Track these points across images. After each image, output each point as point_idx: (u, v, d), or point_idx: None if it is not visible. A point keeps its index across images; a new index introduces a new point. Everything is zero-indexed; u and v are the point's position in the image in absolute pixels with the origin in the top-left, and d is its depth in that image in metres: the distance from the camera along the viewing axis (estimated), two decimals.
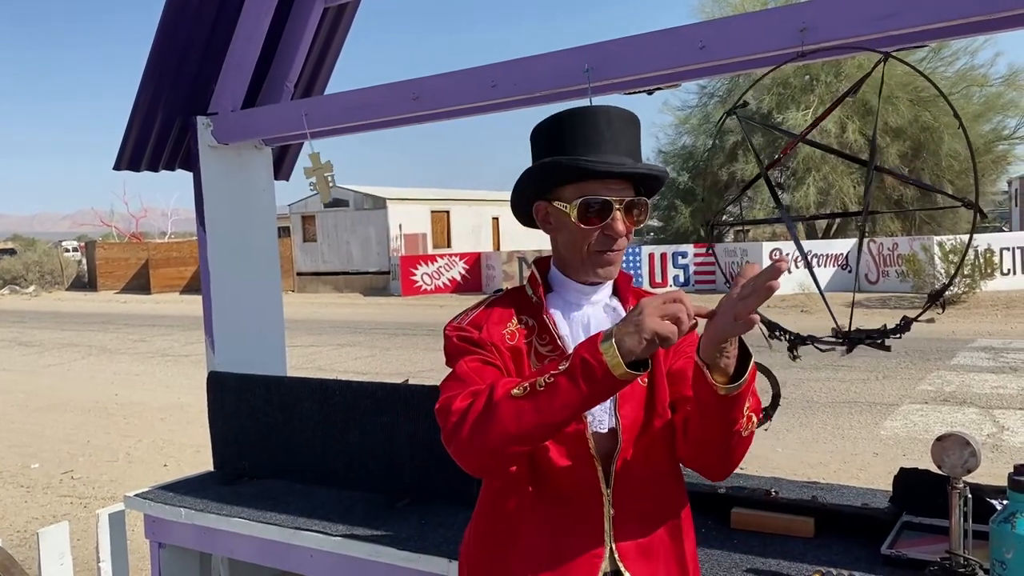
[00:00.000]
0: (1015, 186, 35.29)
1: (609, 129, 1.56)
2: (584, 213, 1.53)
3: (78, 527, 5.48)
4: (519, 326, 1.58)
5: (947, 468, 1.78)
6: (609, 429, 1.56)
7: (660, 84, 2.61)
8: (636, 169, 1.54)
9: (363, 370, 11.92)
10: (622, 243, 1.56)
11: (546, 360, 1.54)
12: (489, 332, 1.56)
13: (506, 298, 1.64)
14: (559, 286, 1.63)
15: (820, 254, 19.94)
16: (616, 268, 1.60)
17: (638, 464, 1.57)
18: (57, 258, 39.51)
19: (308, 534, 2.58)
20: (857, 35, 2.10)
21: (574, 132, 1.56)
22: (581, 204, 1.53)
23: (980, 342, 11.95)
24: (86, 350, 16.10)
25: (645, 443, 1.58)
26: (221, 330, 3.47)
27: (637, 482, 1.57)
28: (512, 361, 1.55)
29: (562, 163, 1.53)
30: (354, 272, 28.89)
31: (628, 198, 1.55)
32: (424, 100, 2.84)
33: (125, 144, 3.43)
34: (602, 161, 1.53)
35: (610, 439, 1.56)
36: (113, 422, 9.30)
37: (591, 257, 1.56)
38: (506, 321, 1.58)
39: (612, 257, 1.57)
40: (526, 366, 1.56)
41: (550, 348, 1.57)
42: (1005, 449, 6.56)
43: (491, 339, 1.55)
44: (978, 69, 23.59)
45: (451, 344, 1.59)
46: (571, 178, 1.55)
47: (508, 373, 1.54)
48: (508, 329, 1.57)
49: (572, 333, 1.58)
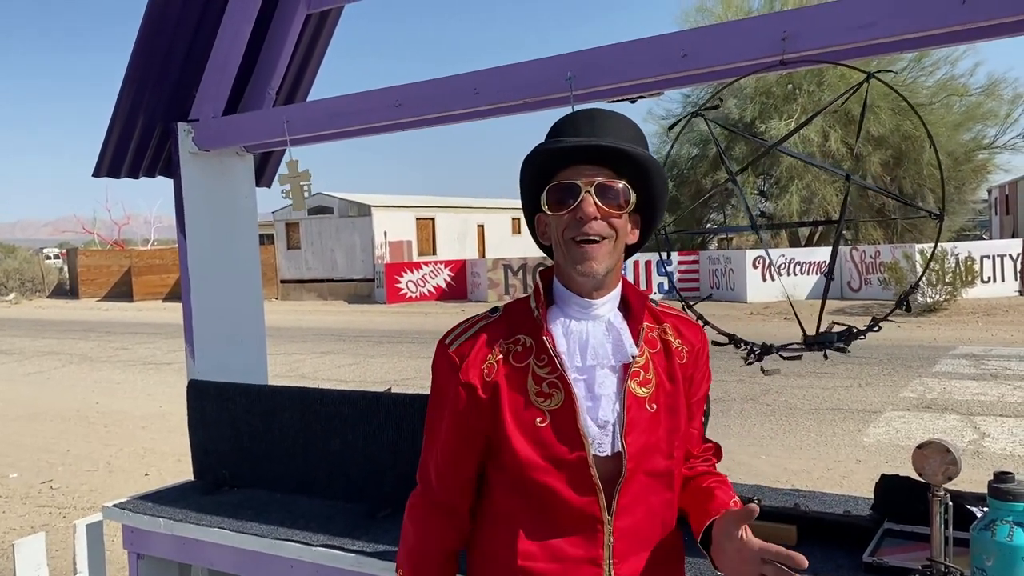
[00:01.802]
0: (995, 195, 35.66)
1: (591, 124, 1.49)
2: (552, 199, 1.49)
3: (56, 538, 5.41)
4: (500, 355, 1.52)
5: (928, 475, 1.78)
6: (614, 453, 1.49)
7: (643, 93, 2.61)
8: (599, 143, 1.45)
9: (347, 378, 11.86)
10: (598, 228, 1.47)
11: (544, 383, 1.50)
12: (467, 369, 1.52)
13: (503, 319, 1.58)
14: (560, 299, 1.56)
15: (803, 261, 20.06)
16: (598, 265, 1.48)
17: (643, 493, 1.52)
18: (38, 265, 39.16)
19: (289, 544, 2.55)
20: (839, 44, 2.11)
21: (554, 131, 1.54)
22: (549, 190, 1.50)
23: (961, 349, 12.04)
24: (67, 358, 15.95)
25: (655, 471, 1.53)
26: (201, 338, 3.44)
27: (641, 512, 1.52)
28: (489, 400, 1.51)
29: (527, 156, 1.50)
30: (339, 279, 28.80)
31: (600, 180, 1.47)
32: (407, 107, 2.83)
33: (105, 151, 3.40)
34: (558, 139, 1.48)
35: (614, 465, 1.49)
36: (94, 431, 9.21)
37: (568, 250, 1.49)
38: (489, 352, 1.53)
39: (589, 250, 1.47)
40: (516, 391, 1.51)
41: (548, 370, 1.50)
42: (986, 456, 6.61)
43: (467, 379, 1.52)
44: (958, 79, 23.84)
45: (434, 366, 1.60)
46: (544, 173, 1.51)
47: (473, 418, 1.53)
48: (488, 363, 1.52)
49: (569, 349, 1.51)
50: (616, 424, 1.49)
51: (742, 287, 19.98)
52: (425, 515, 1.62)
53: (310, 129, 3.06)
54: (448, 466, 1.58)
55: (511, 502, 1.54)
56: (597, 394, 1.50)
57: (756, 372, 2.33)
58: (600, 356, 1.51)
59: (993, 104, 23.80)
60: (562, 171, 1.49)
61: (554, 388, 1.49)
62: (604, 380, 1.51)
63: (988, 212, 38.21)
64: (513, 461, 1.50)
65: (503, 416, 1.50)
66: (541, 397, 1.50)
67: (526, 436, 1.49)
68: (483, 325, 1.58)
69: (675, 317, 1.64)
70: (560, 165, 1.49)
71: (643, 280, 21.65)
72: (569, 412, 1.48)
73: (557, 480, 1.48)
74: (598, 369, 1.51)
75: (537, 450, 1.48)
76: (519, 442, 1.49)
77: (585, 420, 1.48)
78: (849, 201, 2.33)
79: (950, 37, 2.11)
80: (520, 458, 1.48)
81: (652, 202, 1.56)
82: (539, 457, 1.48)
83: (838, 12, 2.09)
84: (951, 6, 1.95)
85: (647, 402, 1.52)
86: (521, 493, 1.51)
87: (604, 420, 1.49)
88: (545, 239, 1.57)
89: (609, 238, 1.48)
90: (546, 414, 1.49)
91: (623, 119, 1.53)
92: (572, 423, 1.48)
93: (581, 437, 1.47)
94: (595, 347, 1.51)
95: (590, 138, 1.46)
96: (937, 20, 1.98)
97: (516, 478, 1.51)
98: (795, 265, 19.93)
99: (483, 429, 1.54)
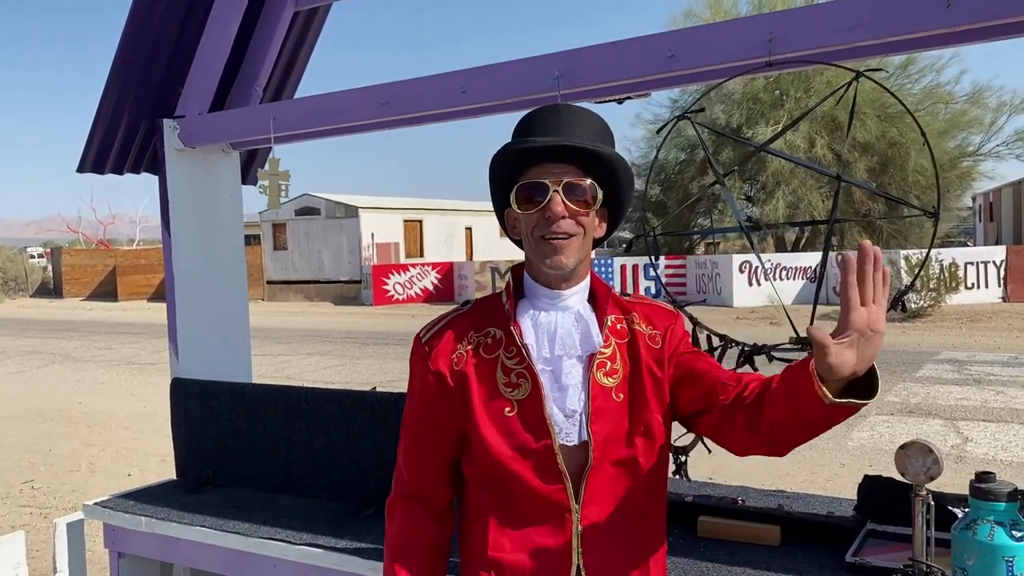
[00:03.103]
0: (979, 202, 35.94)
1: (558, 120, 1.52)
2: (521, 197, 1.52)
3: (37, 538, 5.36)
4: (470, 346, 1.57)
5: (910, 476, 1.79)
6: (580, 442, 1.51)
7: (630, 93, 2.61)
8: (565, 143, 1.47)
9: (333, 379, 11.82)
10: (566, 226, 1.49)
11: (512, 373, 1.53)
12: (436, 358, 1.57)
13: (472, 311, 1.63)
14: (530, 292, 1.59)
15: (789, 266, 20.14)
16: (567, 259, 1.51)
17: (611, 481, 1.52)
18: (22, 264, 38.83)
19: (271, 543, 2.54)
20: (825, 46, 2.12)
21: (521, 128, 1.57)
22: (517, 189, 1.52)
23: (945, 355, 12.12)
24: (50, 357, 15.83)
25: (621, 460, 1.53)
26: (185, 337, 3.42)
27: (610, 500, 1.52)
28: (457, 388, 1.55)
29: (495, 155, 1.53)
30: (325, 281, 28.70)
31: (567, 179, 1.49)
32: (394, 105, 2.83)
33: (89, 146, 3.38)
34: (525, 139, 1.51)
35: (580, 453, 1.51)
36: (76, 431, 9.14)
37: (537, 246, 1.52)
38: (459, 342, 1.58)
39: (558, 245, 1.50)
40: (485, 382, 1.54)
41: (516, 361, 1.53)
42: (969, 460, 6.65)
43: (436, 367, 1.57)
44: (944, 86, 24.06)
45: (411, 357, 1.65)
46: (513, 171, 1.53)
47: (442, 404, 1.56)
48: (458, 352, 1.57)
49: (537, 340, 1.54)
50: (583, 414, 1.51)
51: (728, 291, 20.05)
52: (402, 509, 1.64)
53: (296, 127, 3.05)
54: (417, 453, 1.63)
55: (482, 495, 1.56)
56: (564, 384, 1.52)
57: None
58: (568, 346, 1.53)
59: (978, 112, 24.02)
60: (530, 169, 1.52)
61: (521, 378, 1.52)
62: (571, 370, 1.53)
63: (972, 219, 38.51)
64: (482, 451, 1.52)
65: (472, 405, 1.53)
66: (509, 387, 1.53)
67: (495, 425, 1.52)
68: (453, 317, 1.63)
69: (644, 305, 1.65)
70: (528, 163, 1.52)
71: (630, 283, 21.69)
72: (536, 401, 1.51)
73: (524, 469, 1.50)
74: (565, 359, 1.53)
75: (505, 439, 1.51)
76: (488, 431, 1.52)
77: (552, 409, 1.50)
78: (838, 203, 2.34)
79: (935, 40, 2.13)
80: (489, 447, 1.51)
81: (618, 197, 1.58)
82: (507, 446, 1.51)
83: (824, 14, 2.10)
84: (936, 9, 1.96)
85: (613, 391, 1.54)
86: (491, 484, 1.54)
87: (571, 410, 1.51)
88: (515, 233, 1.60)
89: (577, 235, 1.51)
90: (514, 404, 1.52)
91: (589, 115, 1.56)
92: (539, 412, 1.50)
93: (548, 426, 1.49)
94: (563, 337, 1.53)
95: (557, 138, 1.49)
96: (922, 23, 1.99)
97: (486, 469, 1.53)
98: (781, 270, 20.02)
99: (452, 416, 1.56)
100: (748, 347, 2.21)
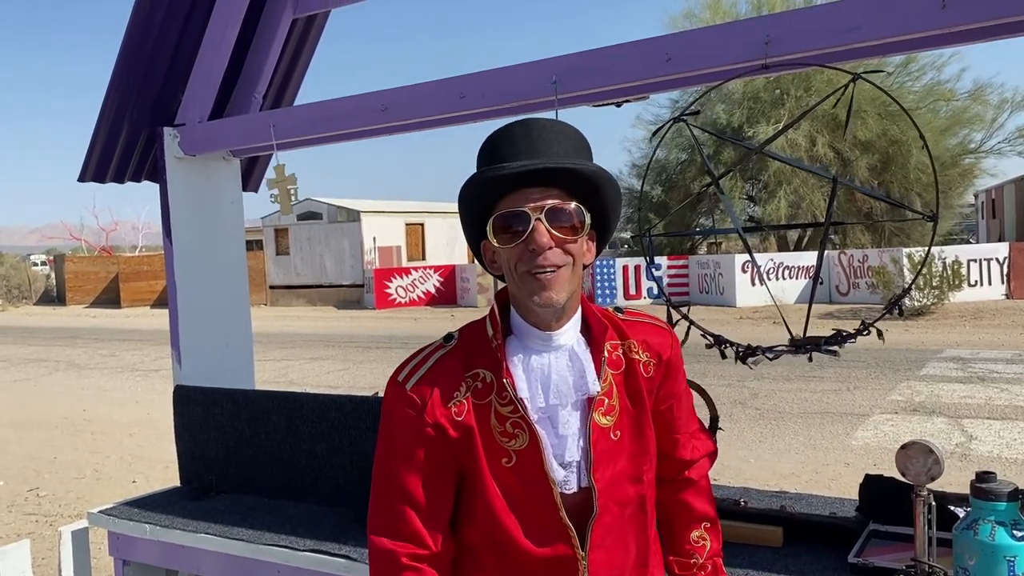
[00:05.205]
0: (981, 199, 35.90)
1: (528, 139, 1.37)
2: (499, 229, 1.37)
3: (43, 546, 5.37)
4: (468, 394, 1.42)
5: (911, 476, 1.80)
6: (580, 488, 1.43)
7: (628, 96, 2.62)
8: (544, 165, 1.33)
9: (336, 384, 11.83)
10: (553, 257, 1.35)
11: (507, 422, 1.41)
12: (433, 410, 1.41)
13: (460, 348, 1.46)
14: (519, 331, 1.45)
15: (791, 266, 20.13)
16: (557, 295, 1.36)
17: (617, 521, 1.46)
18: (25, 272, 38.94)
19: (275, 549, 2.54)
20: (821, 48, 2.13)
21: (489, 151, 1.41)
22: (494, 220, 1.37)
23: (948, 352, 12.11)
24: (54, 365, 15.86)
25: (627, 499, 1.47)
26: (188, 343, 3.43)
27: (617, 540, 1.46)
28: (461, 441, 1.42)
29: (464, 186, 1.38)
30: (328, 285, 28.73)
31: (550, 204, 1.35)
32: (393, 111, 2.84)
33: (90, 155, 3.39)
34: (498, 165, 1.34)
35: (583, 500, 1.43)
36: (81, 438, 9.15)
37: (523, 281, 1.37)
38: (455, 389, 1.42)
39: (545, 281, 1.35)
40: (485, 432, 1.42)
41: (510, 410, 1.41)
42: (973, 458, 6.64)
43: (435, 419, 1.41)
44: (944, 84, 24.01)
45: (387, 406, 1.47)
46: (486, 199, 1.38)
47: (446, 454, 1.43)
48: (455, 401, 1.41)
49: (531, 389, 1.42)
50: (583, 461, 1.43)
51: (731, 291, 20.03)
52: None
53: (296, 133, 3.06)
54: (437, 513, 1.45)
55: (481, 548, 1.47)
56: (561, 434, 1.43)
57: (744, 377, 2.35)
58: (563, 394, 1.42)
59: (979, 109, 23.98)
60: (506, 197, 1.37)
61: (518, 429, 1.41)
62: (568, 419, 1.43)
63: (975, 216, 38.46)
64: (484, 506, 1.43)
65: (479, 459, 1.42)
66: (506, 437, 1.41)
67: (496, 479, 1.42)
68: (440, 357, 1.46)
69: (643, 326, 1.55)
70: (503, 190, 1.37)
71: (632, 285, 21.69)
72: (534, 454, 1.41)
73: (526, 522, 1.42)
74: (560, 409, 1.43)
75: (506, 492, 1.42)
76: (491, 485, 1.42)
77: (550, 463, 1.41)
78: (837, 204, 2.34)
79: (931, 41, 2.13)
80: (491, 503, 1.41)
81: (604, 216, 1.45)
82: (508, 501, 1.42)
83: (820, 16, 2.10)
84: (931, 10, 1.96)
85: (611, 431, 1.45)
86: (491, 538, 1.44)
87: (569, 460, 1.43)
88: (495, 268, 1.46)
89: (566, 265, 1.37)
90: (512, 455, 1.41)
91: (562, 127, 1.42)
92: (538, 466, 1.41)
93: (549, 481, 1.41)
94: (557, 384, 1.42)
95: (532, 160, 1.34)
96: (918, 24, 1.99)
97: (485, 526, 1.44)
98: (783, 269, 20.01)
99: (455, 467, 1.45)
100: (742, 348, 2.22)
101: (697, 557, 1.63)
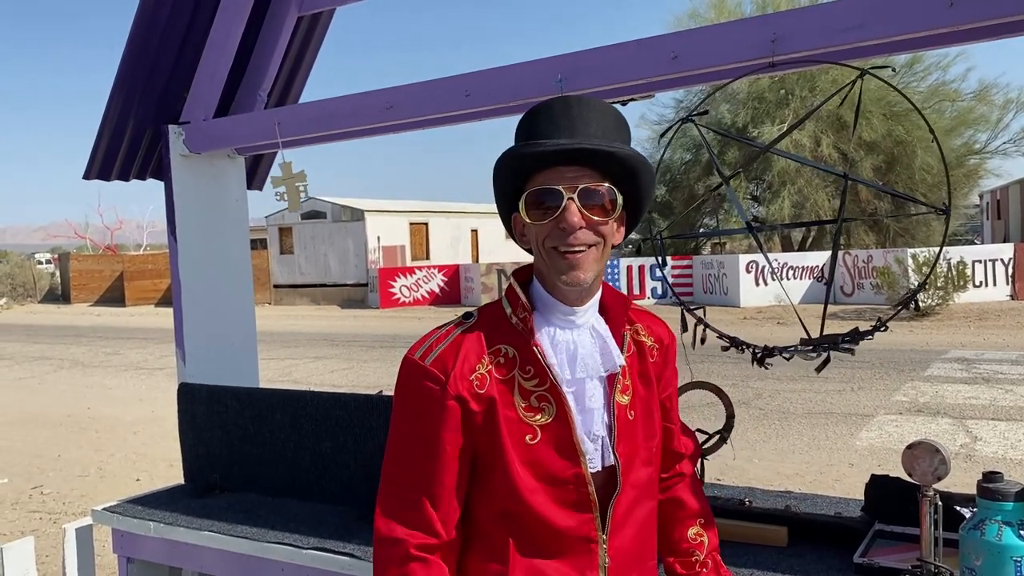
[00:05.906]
0: (986, 200, 35.82)
1: (568, 116, 1.36)
2: (531, 205, 1.37)
3: (47, 543, 5.38)
4: (491, 366, 1.39)
5: (917, 476, 1.79)
6: (604, 468, 1.41)
7: (634, 95, 2.61)
8: (579, 145, 1.33)
9: (340, 383, 11.84)
10: (584, 237, 1.35)
11: (532, 396, 1.39)
12: (455, 382, 1.37)
13: (480, 325, 1.43)
14: (543, 306, 1.44)
15: (795, 266, 20.11)
16: (584, 274, 1.37)
17: (632, 504, 1.45)
18: (30, 270, 39.01)
19: (279, 547, 2.54)
20: (828, 46, 2.12)
21: (528, 126, 1.41)
22: (527, 196, 1.37)
23: (953, 353, 12.08)
24: (58, 363, 15.89)
25: (641, 481, 1.46)
26: (192, 341, 3.43)
27: (632, 526, 1.45)
28: (483, 414, 1.38)
29: (501, 159, 1.38)
30: (332, 284, 28.76)
31: (583, 184, 1.35)
32: (398, 109, 2.83)
33: (95, 153, 3.39)
34: (536, 142, 1.35)
35: (607, 480, 1.42)
36: (85, 436, 9.17)
37: (551, 259, 1.37)
38: (477, 361, 1.39)
39: (574, 259, 1.35)
40: (507, 406, 1.38)
41: (536, 382, 1.39)
42: (978, 459, 6.62)
43: (458, 391, 1.36)
44: (950, 84, 23.99)
45: (404, 385, 1.42)
46: (521, 174, 1.39)
47: (467, 436, 1.38)
48: (478, 373, 1.38)
49: (559, 362, 1.40)
50: (607, 437, 1.42)
51: (735, 292, 20.01)
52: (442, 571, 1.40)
53: (301, 131, 3.06)
54: (452, 498, 1.40)
55: (496, 528, 1.42)
56: (588, 407, 1.41)
57: (749, 377, 2.35)
58: (589, 367, 1.42)
59: (984, 109, 23.96)
60: (541, 173, 1.37)
61: (544, 402, 1.39)
62: (594, 392, 1.42)
63: (980, 217, 38.37)
64: (505, 484, 1.38)
65: (500, 434, 1.37)
66: (530, 412, 1.39)
67: (518, 455, 1.38)
68: (460, 333, 1.43)
69: (643, 314, 1.57)
70: (538, 166, 1.37)
71: (636, 285, 21.67)
72: (564, 427, 1.39)
73: (551, 501, 1.38)
74: (587, 381, 1.42)
75: (530, 469, 1.38)
76: (514, 462, 1.37)
77: (580, 435, 1.39)
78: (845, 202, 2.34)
79: (938, 39, 2.13)
80: (514, 479, 1.37)
81: (638, 199, 1.45)
82: (532, 477, 1.38)
83: (827, 14, 2.10)
84: (939, 8, 1.96)
85: (628, 410, 1.46)
86: (508, 519, 1.40)
87: (596, 434, 1.41)
88: (524, 241, 1.46)
89: (596, 245, 1.38)
90: (536, 430, 1.38)
91: (602, 106, 1.41)
92: (568, 438, 1.38)
93: (578, 453, 1.38)
94: (584, 357, 1.41)
95: (571, 139, 1.34)
96: (924, 22, 1.99)
97: (505, 503, 1.39)
98: (788, 269, 19.99)
99: (472, 446, 1.40)
100: (759, 349, 2.21)
101: (697, 554, 1.64)
